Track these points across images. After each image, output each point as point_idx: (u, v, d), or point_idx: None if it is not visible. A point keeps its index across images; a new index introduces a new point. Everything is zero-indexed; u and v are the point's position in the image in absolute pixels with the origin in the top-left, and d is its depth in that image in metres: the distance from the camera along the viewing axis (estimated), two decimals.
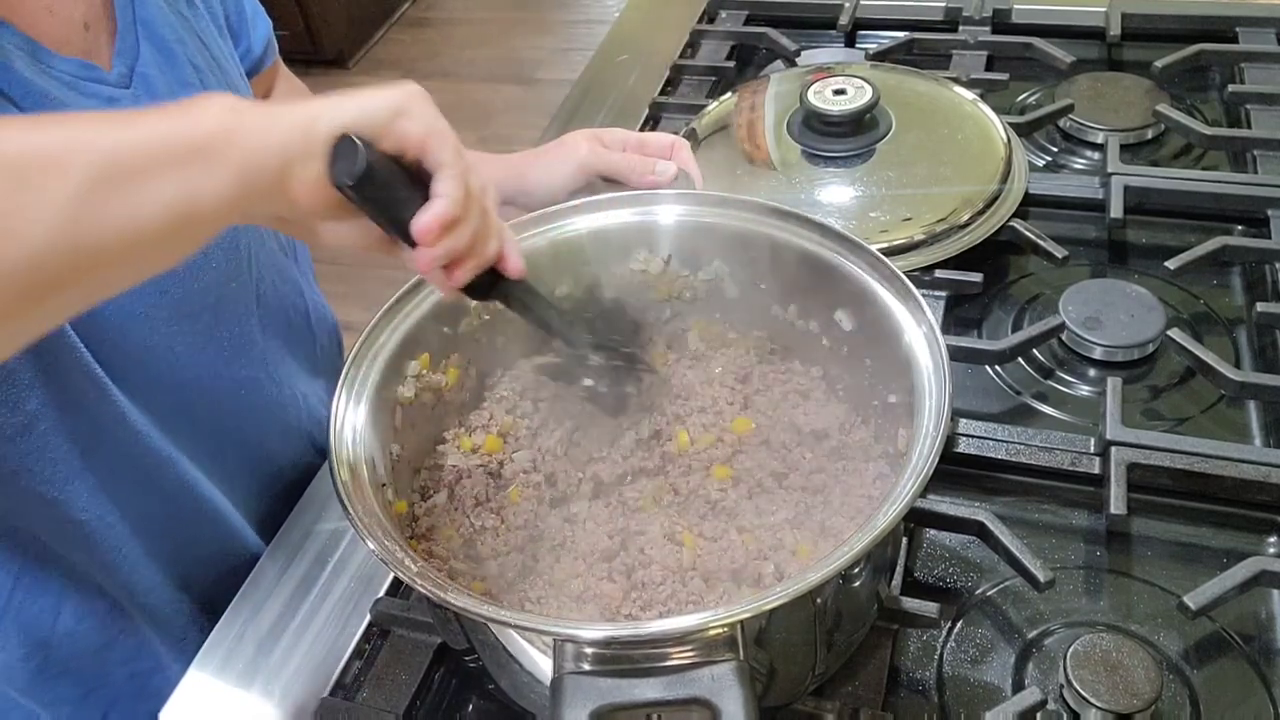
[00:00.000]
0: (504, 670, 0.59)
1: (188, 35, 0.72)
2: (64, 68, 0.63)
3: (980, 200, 0.89)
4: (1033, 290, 0.91)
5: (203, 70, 0.72)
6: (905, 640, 0.66)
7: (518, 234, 0.70)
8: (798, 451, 0.68)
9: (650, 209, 0.72)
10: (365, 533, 0.53)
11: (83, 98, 0.64)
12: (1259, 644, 0.64)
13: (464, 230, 0.53)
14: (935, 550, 0.71)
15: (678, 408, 0.71)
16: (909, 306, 0.62)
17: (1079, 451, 0.73)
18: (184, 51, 0.71)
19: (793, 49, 1.18)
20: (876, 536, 0.49)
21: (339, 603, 0.70)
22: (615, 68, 1.23)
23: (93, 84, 0.65)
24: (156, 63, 0.69)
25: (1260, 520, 0.70)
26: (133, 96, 0.67)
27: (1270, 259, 0.86)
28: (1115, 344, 0.80)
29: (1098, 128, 1.03)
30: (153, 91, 0.68)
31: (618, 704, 0.47)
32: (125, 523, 0.72)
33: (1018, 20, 1.19)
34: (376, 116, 0.50)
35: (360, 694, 0.65)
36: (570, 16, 3.61)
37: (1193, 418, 0.78)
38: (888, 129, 0.94)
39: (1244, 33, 1.12)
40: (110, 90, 0.66)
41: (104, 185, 0.42)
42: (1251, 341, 0.83)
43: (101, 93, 0.65)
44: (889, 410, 0.65)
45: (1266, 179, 0.93)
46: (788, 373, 0.72)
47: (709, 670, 0.47)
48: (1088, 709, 0.57)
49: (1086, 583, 0.68)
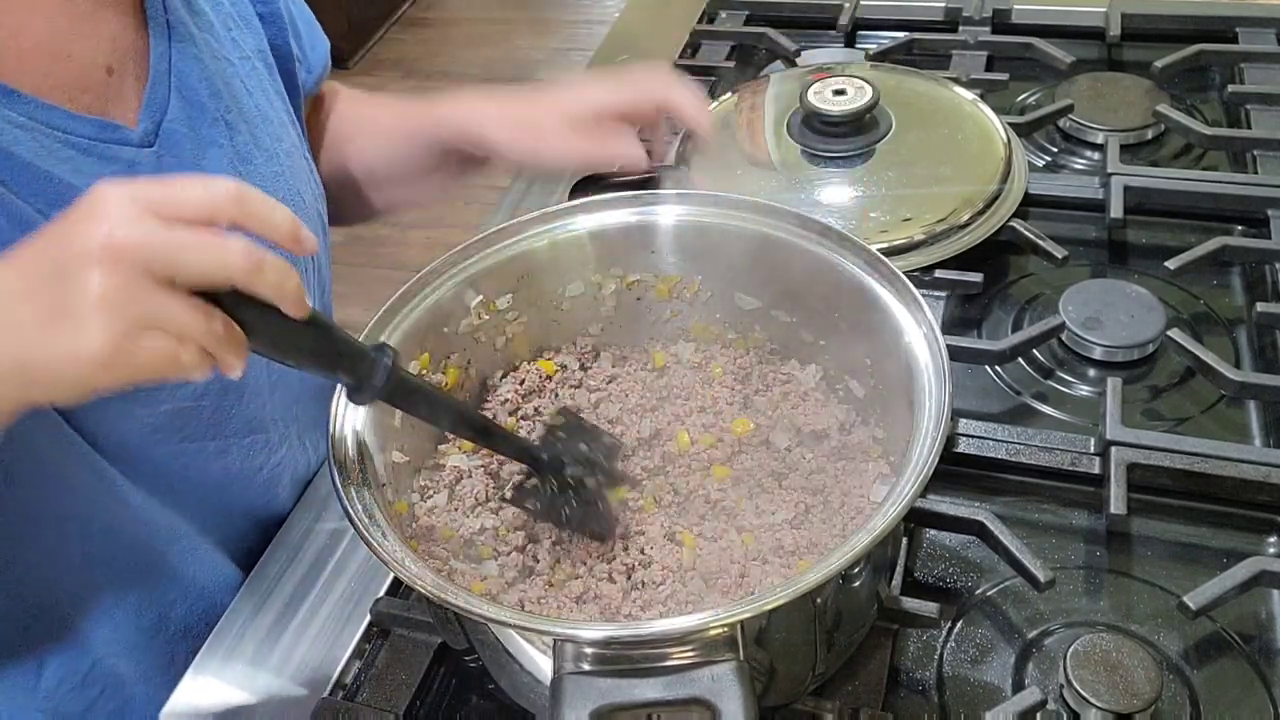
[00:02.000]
0: (504, 670, 0.59)
1: (224, 86, 0.69)
2: (81, 129, 0.59)
3: (980, 200, 0.89)
4: (1033, 290, 0.91)
5: (234, 127, 0.69)
6: (905, 640, 0.66)
7: (517, 234, 0.70)
8: (798, 451, 0.68)
9: (650, 209, 0.72)
10: (365, 533, 0.53)
11: (100, 162, 0.60)
12: (1259, 644, 0.64)
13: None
14: (935, 550, 0.71)
15: (677, 408, 0.71)
16: (909, 306, 0.62)
17: (1079, 451, 0.73)
18: (217, 107, 0.68)
19: (793, 49, 1.18)
20: (876, 536, 0.49)
21: (339, 603, 0.70)
22: (615, 68, 1.23)
23: (113, 146, 0.61)
24: (185, 119, 0.65)
25: (1260, 520, 0.70)
26: (155, 157, 0.63)
27: (1270, 259, 0.86)
28: (1115, 344, 0.80)
29: (1098, 128, 1.03)
30: (177, 152, 0.64)
31: (618, 704, 0.47)
32: (110, 585, 0.71)
33: (1018, 20, 1.19)
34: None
35: (360, 694, 0.65)
36: (570, 16, 3.61)
37: (1193, 418, 0.78)
38: (888, 129, 0.94)
39: (1244, 33, 1.12)
40: (132, 152, 0.62)
41: None
42: (1251, 341, 0.84)
43: (122, 155, 0.61)
44: (888, 409, 0.65)
45: (1266, 179, 0.93)
46: (788, 373, 0.72)
47: (709, 670, 0.47)
48: (1088, 709, 0.57)
49: (1086, 583, 0.68)
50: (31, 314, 0.44)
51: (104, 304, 0.42)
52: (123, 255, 0.42)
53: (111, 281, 0.42)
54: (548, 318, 0.74)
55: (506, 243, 0.70)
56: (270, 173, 0.73)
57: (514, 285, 0.71)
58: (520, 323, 0.72)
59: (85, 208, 0.44)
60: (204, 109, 0.67)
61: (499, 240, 0.70)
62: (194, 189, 0.45)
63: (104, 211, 0.43)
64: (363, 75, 3.40)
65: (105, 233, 0.42)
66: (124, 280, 0.43)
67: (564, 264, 0.72)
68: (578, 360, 0.74)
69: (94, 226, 0.43)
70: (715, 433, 0.69)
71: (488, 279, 0.70)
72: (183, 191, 0.45)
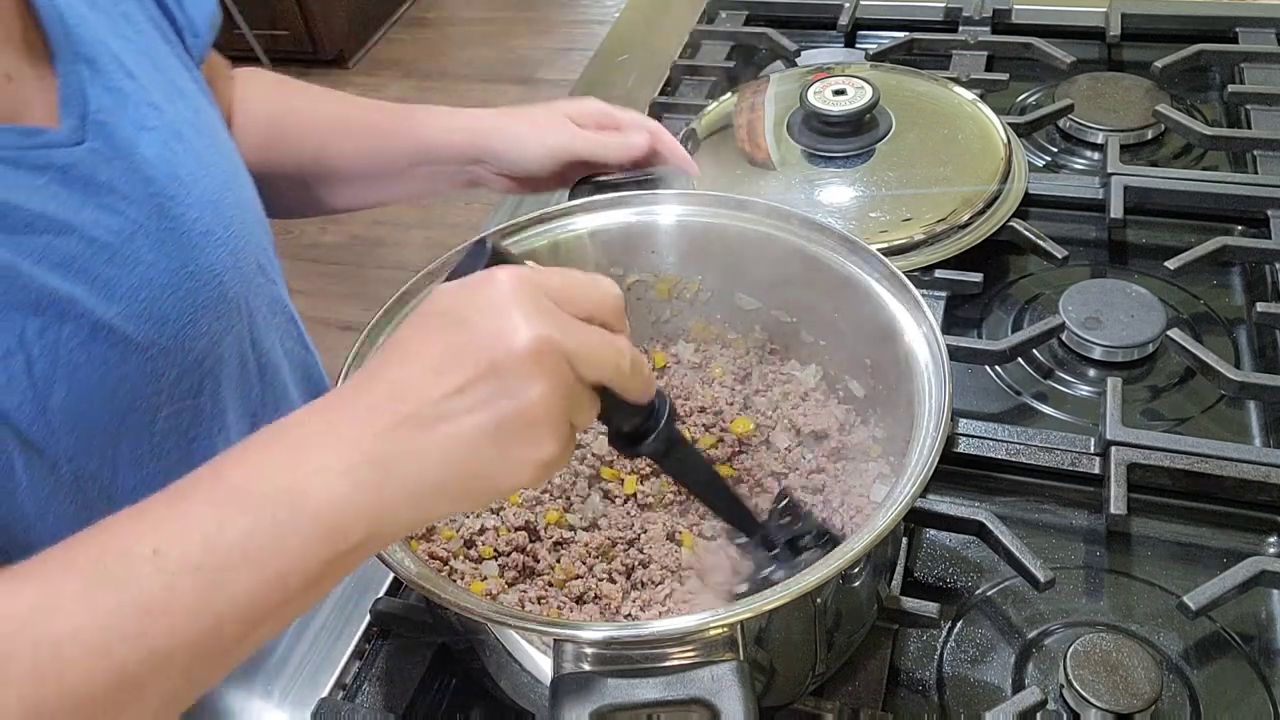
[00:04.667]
0: (504, 670, 0.59)
1: (135, 64, 0.63)
2: (0, 141, 0.53)
3: (980, 200, 0.89)
4: (1033, 290, 0.91)
5: (159, 106, 0.63)
6: (905, 640, 0.66)
7: (517, 232, 0.70)
8: (798, 451, 0.68)
9: (650, 209, 0.72)
10: None
11: (32, 173, 0.54)
12: (1259, 644, 0.64)
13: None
14: (935, 550, 0.71)
15: (677, 408, 0.71)
16: (909, 306, 0.62)
17: (1079, 451, 0.73)
18: (135, 88, 0.62)
19: (793, 49, 1.18)
20: (876, 536, 0.49)
21: (339, 603, 0.70)
22: (615, 68, 1.23)
23: (41, 151, 0.55)
24: (110, 107, 0.59)
25: (1260, 520, 0.70)
26: (90, 153, 0.57)
27: (1270, 259, 0.86)
28: (1115, 344, 0.80)
29: (1098, 128, 1.03)
30: (112, 141, 0.59)
31: (618, 704, 0.47)
32: None
33: (1018, 20, 1.19)
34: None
35: (360, 694, 0.65)
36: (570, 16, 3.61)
37: (1193, 418, 0.78)
38: (888, 129, 0.94)
39: (1244, 33, 1.12)
40: (64, 154, 0.56)
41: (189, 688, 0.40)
42: (1251, 341, 0.84)
43: (54, 159, 0.55)
44: (889, 409, 0.65)
45: (1266, 179, 0.93)
46: (788, 373, 0.72)
47: (709, 670, 0.47)
48: (1088, 709, 0.57)
49: (1086, 583, 0.68)
50: (473, 429, 0.42)
51: (551, 410, 0.42)
52: (559, 357, 0.42)
53: (555, 383, 0.42)
54: None
55: (506, 243, 0.70)
56: (202, 146, 0.66)
57: None
58: None
59: (483, 298, 0.42)
60: (124, 93, 0.61)
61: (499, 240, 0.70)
62: (588, 288, 0.45)
63: (513, 306, 0.42)
64: (363, 75, 3.40)
65: (537, 334, 0.41)
66: (564, 383, 0.42)
67: (564, 264, 0.72)
68: None
69: (516, 322, 0.41)
70: (715, 433, 0.69)
71: None
72: (580, 289, 0.44)
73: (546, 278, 0.44)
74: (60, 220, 0.55)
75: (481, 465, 0.42)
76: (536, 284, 0.43)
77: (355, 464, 0.41)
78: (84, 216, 0.56)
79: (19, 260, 0.52)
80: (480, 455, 0.42)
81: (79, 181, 0.56)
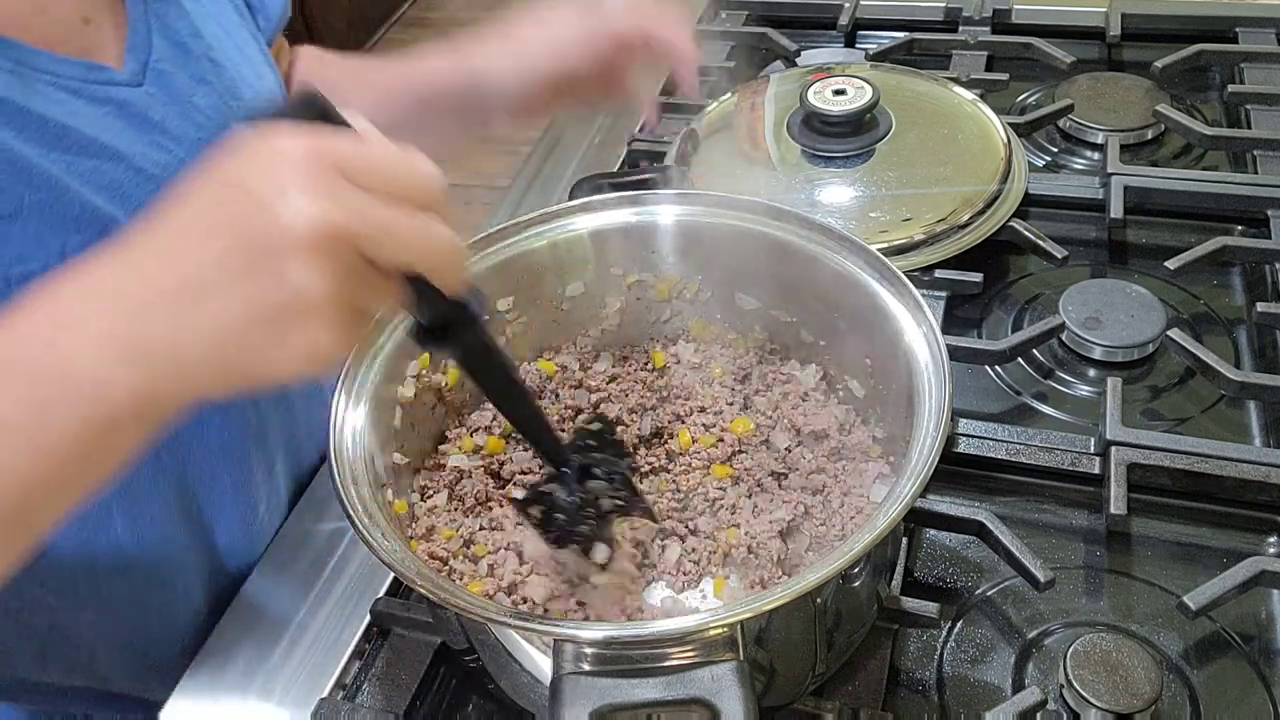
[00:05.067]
0: (504, 670, 0.59)
1: (203, 25, 0.67)
2: (68, 71, 0.58)
3: (980, 200, 0.89)
4: (1033, 290, 0.91)
5: (220, 64, 0.67)
6: (905, 640, 0.66)
7: (517, 234, 0.70)
8: (798, 451, 0.68)
9: (650, 209, 0.72)
10: (365, 533, 0.53)
11: (92, 104, 0.59)
12: (1259, 644, 0.64)
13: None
14: (935, 550, 0.71)
15: (678, 408, 0.71)
16: (909, 306, 0.62)
17: (1079, 451, 0.73)
18: (200, 45, 0.66)
19: (793, 49, 1.18)
20: (876, 536, 0.49)
21: (339, 603, 0.70)
22: None
23: (103, 86, 0.60)
24: (171, 58, 0.64)
25: (1260, 520, 0.70)
26: (146, 95, 0.62)
27: (1270, 259, 0.86)
28: (1115, 344, 0.80)
29: (1098, 128, 1.03)
30: (168, 89, 0.63)
31: (618, 704, 0.47)
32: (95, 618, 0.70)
33: (1018, 20, 1.19)
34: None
35: (360, 694, 0.65)
36: None
37: (1193, 418, 0.78)
38: (888, 129, 0.94)
39: (1244, 33, 1.12)
40: (123, 91, 0.60)
41: None
42: (1251, 341, 0.84)
43: (113, 95, 0.60)
44: (888, 409, 0.65)
45: (1266, 179, 0.93)
46: (788, 373, 0.72)
47: (709, 670, 0.47)
48: (1088, 709, 0.57)
49: (1086, 583, 0.68)
50: (240, 309, 0.40)
51: (327, 297, 0.39)
52: (339, 239, 0.39)
53: (332, 267, 0.39)
54: (548, 318, 0.74)
55: (506, 243, 0.70)
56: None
57: (514, 286, 0.71)
58: (520, 323, 0.72)
59: (265, 168, 0.39)
60: (187, 48, 0.65)
61: (499, 240, 0.70)
62: (395, 165, 0.41)
63: (296, 175, 0.38)
64: None
65: (316, 214, 0.38)
66: (344, 267, 0.39)
67: (564, 264, 0.72)
68: (578, 360, 0.74)
69: (293, 199, 0.38)
70: (715, 433, 0.69)
71: (488, 279, 0.69)
72: (384, 165, 0.41)
73: (344, 149, 0.40)
74: (112, 148, 0.59)
75: (247, 346, 0.40)
76: (331, 156, 0.39)
77: (115, 335, 0.41)
78: (134, 149, 0.60)
79: (69, 179, 0.56)
80: (244, 337, 0.40)
81: (135, 118, 0.61)
